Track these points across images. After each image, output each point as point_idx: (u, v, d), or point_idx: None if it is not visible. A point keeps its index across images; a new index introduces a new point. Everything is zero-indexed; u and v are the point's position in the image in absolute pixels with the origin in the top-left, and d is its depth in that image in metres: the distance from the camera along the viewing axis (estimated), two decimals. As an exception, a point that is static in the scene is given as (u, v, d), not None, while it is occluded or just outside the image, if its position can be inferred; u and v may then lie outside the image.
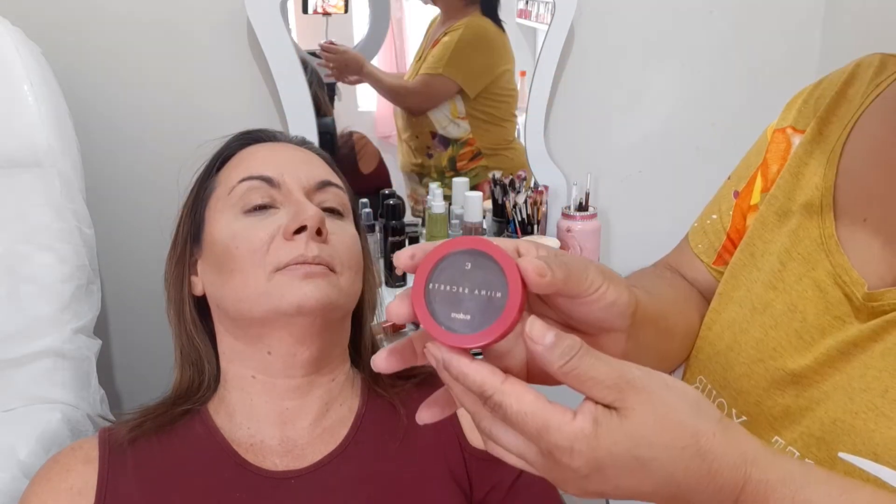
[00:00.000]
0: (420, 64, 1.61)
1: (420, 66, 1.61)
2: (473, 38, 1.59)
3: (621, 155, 1.63)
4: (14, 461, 0.92)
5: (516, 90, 1.66)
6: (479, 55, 1.62)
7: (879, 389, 0.49)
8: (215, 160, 0.75)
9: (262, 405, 0.69)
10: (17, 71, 1.15)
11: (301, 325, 0.66)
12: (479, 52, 1.62)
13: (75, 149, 1.24)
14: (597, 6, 1.58)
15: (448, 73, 1.58)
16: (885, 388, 0.49)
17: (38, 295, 1.14)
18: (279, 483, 0.66)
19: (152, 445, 0.68)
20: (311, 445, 0.69)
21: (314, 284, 0.64)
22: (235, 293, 0.66)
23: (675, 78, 1.62)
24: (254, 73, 1.47)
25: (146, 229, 1.47)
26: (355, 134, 1.62)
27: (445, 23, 1.57)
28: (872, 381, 0.50)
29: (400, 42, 1.59)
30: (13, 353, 1.11)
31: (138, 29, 1.40)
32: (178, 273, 0.73)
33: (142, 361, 1.59)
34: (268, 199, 0.69)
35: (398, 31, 1.58)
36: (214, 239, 0.69)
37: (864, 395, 0.50)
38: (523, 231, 1.48)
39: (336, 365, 0.73)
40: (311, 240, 0.66)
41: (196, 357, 0.73)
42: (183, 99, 1.46)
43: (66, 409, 1.08)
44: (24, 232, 1.15)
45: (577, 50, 1.61)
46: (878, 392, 0.49)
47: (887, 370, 0.49)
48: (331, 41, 1.55)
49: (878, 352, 0.50)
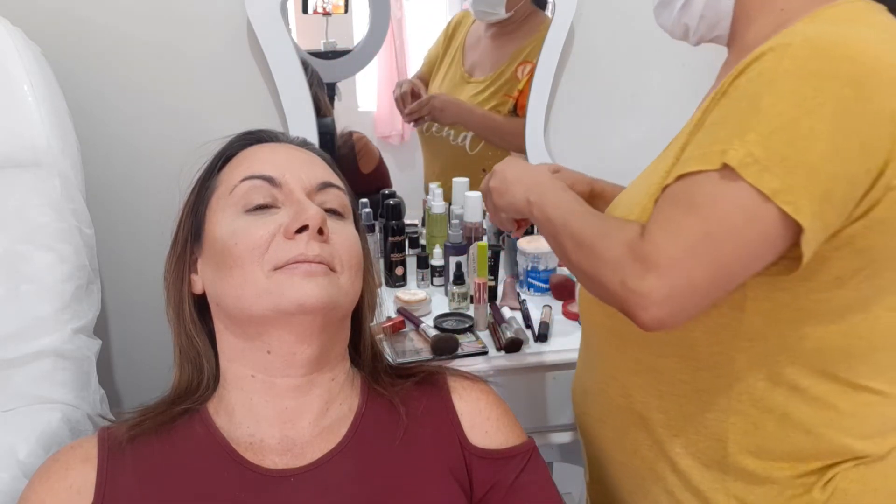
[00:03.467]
0: (453, 67, 1.61)
1: (454, 68, 1.62)
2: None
3: (621, 155, 1.63)
4: (14, 461, 0.92)
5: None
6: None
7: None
8: (217, 159, 0.75)
9: (261, 404, 0.69)
10: (17, 71, 1.15)
11: (301, 324, 0.66)
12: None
13: (75, 149, 1.24)
14: (597, 6, 1.58)
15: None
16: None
17: (38, 295, 1.14)
18: (279, 482, 0.66)
19: (152, 445, 0.68)
20: (310, 444, 0.69)
21: (315, 283, 0.64)
22: (235, 291, 0.66)
23: (675, 78, 1.62)
24: (254, 73, 1.47)
25: (146, 229, 1.48)
26: (355, 134, 1.62)
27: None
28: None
29: (400, 42, 1.59)
30: (13, 353, 1.11)
31: (138, 29, 1.40)
32: (177, 272, 0.73)
33: (142, 361, 1.59)
34: (269, 198, 0.69)
35: (398, 31, 1.58)
36: (215, 237, 0.69)
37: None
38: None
39: (336, 364, 0.73)
40: (313, 239, 0.66)
41: (195, 356, 0.73)
42: (183, 99, 1.46)
43: (66, 409, 1.08)
44: (24, 232, 1.15)
45: (576, 50, 1.61)
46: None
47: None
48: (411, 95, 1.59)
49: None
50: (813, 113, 0.58)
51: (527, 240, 1.43)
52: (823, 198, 0.58)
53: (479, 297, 1.28)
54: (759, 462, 0.72)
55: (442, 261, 1.44)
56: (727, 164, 0.59)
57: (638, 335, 0.75)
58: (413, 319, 1.30)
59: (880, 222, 0.61)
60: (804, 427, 0.70)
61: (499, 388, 0.81)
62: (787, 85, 0.59)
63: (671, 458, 0.76)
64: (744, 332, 0.69)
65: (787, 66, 0.59)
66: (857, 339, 0.67)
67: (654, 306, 0.60)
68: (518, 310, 1.35)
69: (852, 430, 0.70)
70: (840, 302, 0.66)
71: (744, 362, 0.70)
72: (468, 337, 1.24)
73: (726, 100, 0.64)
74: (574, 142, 1.67)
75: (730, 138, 0.60)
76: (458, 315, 1.33)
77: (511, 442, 0.75)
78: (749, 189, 0.58)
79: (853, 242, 0.62)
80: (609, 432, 0.84)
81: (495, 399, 0.78)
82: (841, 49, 0.59)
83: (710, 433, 0.73)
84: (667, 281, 0.60)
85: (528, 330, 1.26)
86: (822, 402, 0.69)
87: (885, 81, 0.59)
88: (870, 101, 0.58)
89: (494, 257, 1.42)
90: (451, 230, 1.41)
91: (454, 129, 1.63)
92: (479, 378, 0.80)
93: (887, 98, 0.58)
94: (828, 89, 0.58)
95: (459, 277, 1.37)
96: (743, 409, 0.71)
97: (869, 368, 0.69)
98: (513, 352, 1.20)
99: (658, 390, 0.76)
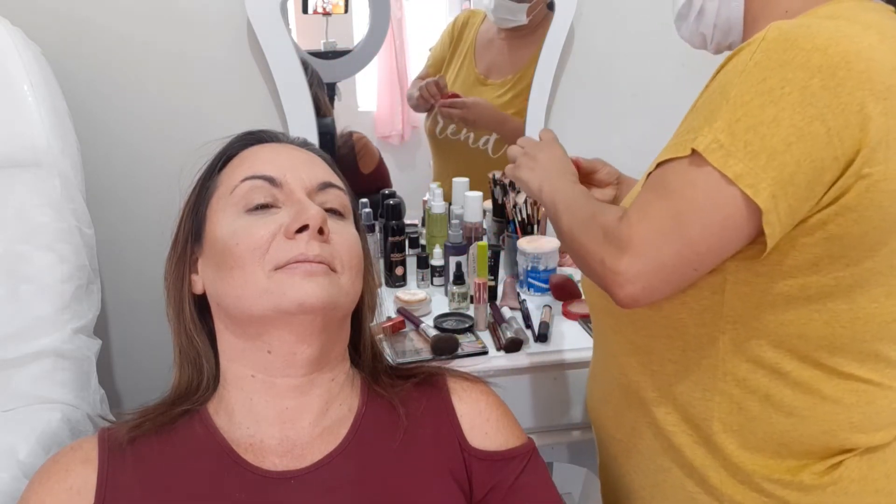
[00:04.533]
0: (465, 68, 1.61)
1: (466, 69, 1.61)
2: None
3: (621, 155, 1.63)
4: (14, 461, 0.92)
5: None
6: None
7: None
8: (218, 159, 0.75)
9: (261, 405, 0.69)
10: (17, 71, 1.15)
11: (302, 324, 0.66)
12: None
13: (75, 149, 1.24)
14: (597, 6, 1.58)
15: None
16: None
17: (38, 295, 1.14)
18: (279, 483, 0.66)
19: (152, 445, 0.68)
20: (310, 445, 0.69)
21: (316, 282, 0.64)
22: (235, 290, 0.66)
23: (675, 78, 1.62)
24: (254, 73, 1.47)
25: (146, 229, 1.48)
26: (355, 134, 1.62)
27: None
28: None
29: (400, 42, 1.59)
30: (13, 353, 1.11)
31: (138, 29, 1.40)
32: (178, 271, 0.73)
33: (142, 361, 1.59)
34: (270, 198, 0.69)
35: (398, 31, 1.58)
36: (215, 237, 0.69)
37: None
38: (523, 231, 1.48)
39: (336, 364, 0.73)
40: (313, 239, 0.66)
41: (195, 356, 0.73)
42: (183, 99, 1.46)
43: (66, 409, 1.08)
44: (24, 232, 1.15)
45: (576, 50, 1.61)
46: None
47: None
48: (454, 93, 1.58)
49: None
50: (778, 101, 0.60)
51: (527, 240, 1.43)
52: (787, 181, 0.61)
53: (479, 297, 1.28)
54: (743, 452, 0.73)
55: (442, 261, 1.44)
56: (695, 149, 0.63)
57: (630, 316, 0.78)
58: (413, 319, 1.30)
59: (851, 209, 0.63)
60: (787, 409, 0.71)
61: (499, 389, 0.81)
62: (755, 75, 0.62)
63: (666, 435, 0.78)
64: (726, 315, 0.71)
65: (758, 58, 0.62)
66: (839, 328, 0.68)
67: (629, 283, 0.65)
68: (518, 310, 1.35)
69: (837, 417, 0.71)
70: (818, 289, 0.67)
71: (727, 343, 0.72)
72: (468, 337, 1.24)
73: (705, 92, 0.69)
74: (574, 141, 1.67)
75: (700, 126, 0.64)
76: (458, 315, 1.33)
77: (511, 443, 0.75)
78: (714, 173, 0.62)
79: (825, 228, 0.64)
80: (610, 411, 0.87)
81: (495, 400, 0.78)
82: (813, 41, 0.61)
83: (697, 412, 0.75)
84: (638, 259, 0.64)
85: (528, 330, 1.26)
86: (805, 386, 0.71)
87: (856, 73, 0.60)
88: (838, 91, 0.60)
89: (494, 257, 1.42)
90: (451, 230, 1.41)
91: (475, 132, 1.63)
92: (478, 379, 0.80)
93: (857, 89, 0.60)
94: (795, 79, 0.60)
95: (459, 277, 1.37)
96: (728, 388, 0.73)
97: (852, 357, 0.70)
98: (513, 352, 1.20)
99: (650, 370, 0.79)
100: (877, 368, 0.71)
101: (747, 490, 0.74)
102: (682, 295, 0.72)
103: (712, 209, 0.62)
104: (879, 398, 0.71)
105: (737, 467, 0.74)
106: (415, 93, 1.61)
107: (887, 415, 0.72)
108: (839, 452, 0.72)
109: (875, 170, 0.61)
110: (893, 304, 0.69)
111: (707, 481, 0.76)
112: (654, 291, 0.66)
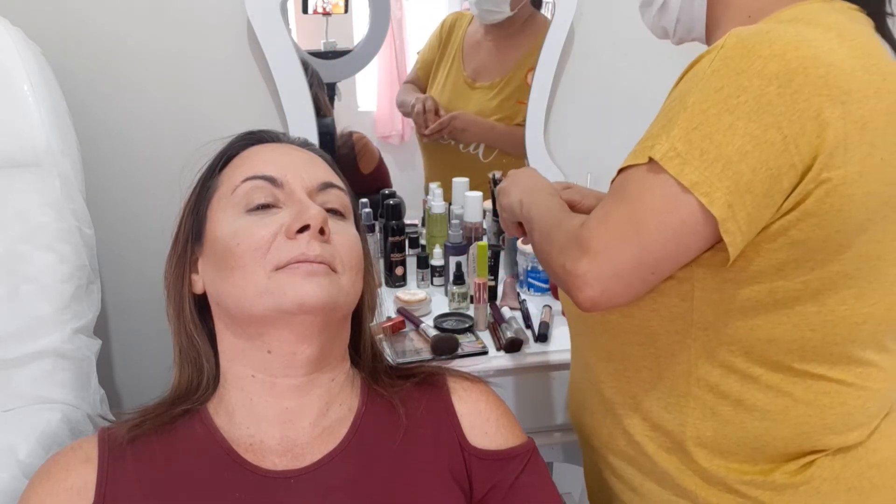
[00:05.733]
0: (453, 71, 1.61)
1: (454, 73, 1.61)
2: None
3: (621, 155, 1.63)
4: (14, 461, 0.92)
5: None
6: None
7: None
8: (219, 159, 0.75)
9: (261, 404, 0.69)
10: (17, 71, 1.15)
11: (302, 324, 0.66)
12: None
13: (75, 149, 1.24)
14: (597, 6, 1.58)
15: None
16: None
17: (38, 295, 1.14)
18: (279, 483, 0.66)
19: (152, 445, 0.68)
20: (310, 445, 0.69)
21: (316, 282, 0.64)
22: (236, 290, 0.66)
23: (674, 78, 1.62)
24: (254, 73, 1.47)
25: (146, 229, 1.48)
26: (355, 134, 1.62)
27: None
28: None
29: (400, 42, 1.60)
30: (13, 353, 1.11)
31: (138, 29, 1.40)
32: (178, 271, 0.73)
33: (142, 361, 1.59)
34: (271, 198, 0.69)
35: (398, 31, 1.58)
36: (216, 236, 0.69)
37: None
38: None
39: (336, 364, 0.73)
40: (314, 239, 0.66)
41: (195, 356, 0.73)
42: (183, 99, 1.46)
43: (66, 409, 1.08)
44: (24, 232, 1.15)
45: (576, 50, 1.61)
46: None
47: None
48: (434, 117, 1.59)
49: None
50: (734, 110, 0.61)
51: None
52: (744, 190, 0.61)
53: (479, 297, 1.28)
54: (716, 457, 0.74)
55: (442, 261, 1.44)
56: (653, 157, 0.64)
57: (604, 324, 0.79)
58: (413, 319, 1.30)
59: (812, 215, 0.63)
60: (760, 413, 0.71)
61: (499, 389, 0.81)
62: (713, 83, 0.62)
63: (637, 441, 0.79)
64: (695, 322, 0.71)
65: (716, 66, 0.63)
66: (808, 332, 0.68)
67: (587, 286, 0.66)
68: (518, 310, 1.35)
69: (810, 419, 0.71)
70: (786, 294, 0.67)
71: (699, 350, 0.72)
72: (468, 337, 1.24)
73: (667, 101, 0.69)
74: (574, 142, 1.67)
75: (658, 134, 0.65)
76: (458, 315, 1.33)
77: (511, 443, 0.75)
78: (671, 181, 0.62)
79: (787, 234, 0.64)
80: (588, 419, 0.87)
81: (495, 400, 0.78)
82: (771, 47, 0.61)
83: (671, 418, 0.75)
84: (596, 264, 0.65)
85: (528, 330, 1.26)
86: (777, 389, 0.71)
87: (813, 78, 0.60)
88: (795, 98, 0.60)
89: (494, 257, 1.42)
90: (451, 230, 1.41)
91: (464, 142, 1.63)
92: (478, 379, 0.80)
93: (815, 95, 0.60)
94: (751, 87, 0.60)
95: (459, 277, 1.37)
96: (701, 394, 0.73)
97: (824, 360, 0.70)
98: (513, 352, 1.20)
99: (625, 377, 0.79)
100: (849, 369, 0.71)
101: (722, 492, 0.74)
102: (653, 303, 0.72)
103: (669, 215, 0.63)
104: (852, 399, 0.71)
105: (709, 472, 0.74)
106: (408, 100, 1.61)
107: (860, 415, 0.72)
108: (811, 452, 0.72)
109: (834, 174, 0.61)
110: (863, 305, 0.68)
111: (681, 485, 0.76)
112: (614, 295, 0.66)
